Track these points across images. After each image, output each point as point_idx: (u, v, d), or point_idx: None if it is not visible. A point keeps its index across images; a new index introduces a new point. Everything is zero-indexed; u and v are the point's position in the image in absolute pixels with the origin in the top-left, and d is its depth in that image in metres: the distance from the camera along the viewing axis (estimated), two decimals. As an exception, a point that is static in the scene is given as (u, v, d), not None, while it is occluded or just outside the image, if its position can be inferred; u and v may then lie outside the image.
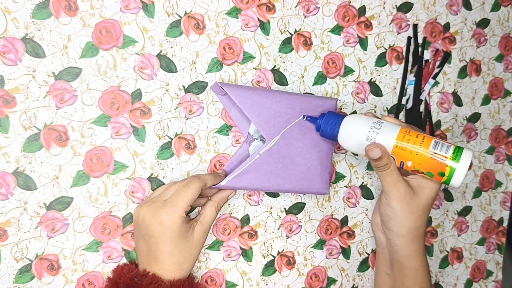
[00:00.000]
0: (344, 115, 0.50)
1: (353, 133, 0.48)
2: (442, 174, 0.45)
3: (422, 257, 0.51)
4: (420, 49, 0.62)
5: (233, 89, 0.49)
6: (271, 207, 0.57)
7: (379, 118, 0.49)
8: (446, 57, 0.63)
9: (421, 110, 0.62)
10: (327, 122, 0.49)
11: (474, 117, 0.66)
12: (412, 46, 0.61)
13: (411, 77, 0.61)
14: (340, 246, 0.61)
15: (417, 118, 0.62)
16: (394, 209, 0.49)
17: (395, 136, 0.46)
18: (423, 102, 0.63)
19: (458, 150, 0.45)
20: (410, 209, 0.48)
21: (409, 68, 0.62)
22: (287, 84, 0.56)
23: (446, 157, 0.44)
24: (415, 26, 0.61)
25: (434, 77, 0.62)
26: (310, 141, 0.52)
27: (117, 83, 0.49)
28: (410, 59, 0.62)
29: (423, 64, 0.62)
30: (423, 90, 0.62)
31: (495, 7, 0.66)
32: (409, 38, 0.61)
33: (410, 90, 0.61)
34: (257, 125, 0.50)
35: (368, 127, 0.47)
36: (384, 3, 0.60)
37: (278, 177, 0.51)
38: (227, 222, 0.55)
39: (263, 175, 0.51)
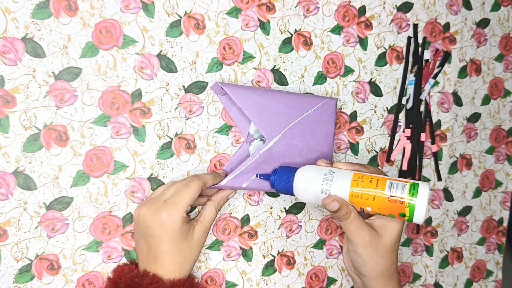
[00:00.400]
0: (296, 168, 0.49)
1: (307, 187, 0.47)
2: (403, 215, 0.44)
3: None
4: (420, 49, 0.62)
5: (233, 89, 0.49)
6: (271, 207, 0.57)
7: (331, 167, 0.48)
8: (446, 57, 0.63)
9: (421, 110, 0.62)
10: (280, 178, 0.48)
11: (474, 117, 0.66)
12: (412, 46, 0.61)
13: (411, 77, 0.61)
14: (340, 246, 0.61)
15: (417, 118, 0.62)
16: (362, 255, 0.48)
17: (349, 184, 0.45)
18: (423, 102, 0.63)
19: (413, 187, 0.43)
20: (377, 253, 0.48)
21: (409, 68, 0.62)
22: (287, 84, 0.56)
23: (403, 198, 0.43)
24: (415, 26, 0.61)
25: (434, 77, 0.62)
26: (310, 141, 0.52)
27: (117, 83, 0.49)
28: (410, 59, 0.62)
29: (423, 64, 0.62)
30: (423, 90, 0.62)
31: (495, 7, 0.66)
32: (409, 38, 0.61)
33: (410, 90, 0.61)
34: (257, 125, 0.50)
35: (321, 179, 0.46)
36: (384, 3, 0.60)
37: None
38: (227, 222, 0.55)
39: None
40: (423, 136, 0.62)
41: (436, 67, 0.63)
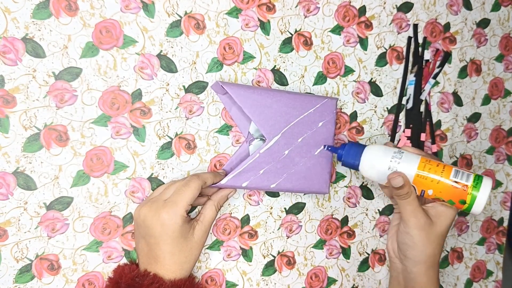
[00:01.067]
0: (364, 145, 0.51)
1: (375, 163, 0.49)
2: (463, 202, 0.46)
3: (436, 284, 0.52)
4: (420, 49, 0.62)
5: (233, 88, 0.49)
6: (271, 207, 0.57)
7: (399, 148, 0.50)
8: (446, 57, 0.63)
9: (421, 110, 0.62)
10: (348, 153, 0.51)
11: (475, 117, 0.66)
12: (412, 46, 0.61)
13: (411, 77, 0.61)
14: (340, 246, 0.61)
15: (417, 118, 0.62)
16: (413, 237, 0.50)
17: (416, 165, 0.48)
18: (423, 102, 0.63)
19: (478, 179, 0.46)
20: (428, 238, 0.49)
21: (409, 68, 0.62)
22: (287, 84, 0.56)
23: (467, 186, 0.46)
24: (415, 26, 0.61)
25: (435, 77, 0.62)
26: (310, 140, 0.52)
27: (117, 83, 0.49)
28: (411, 59, 0.62)
29: (424, 64, 0.62)
30: (423, 90, 0.62)
31: (495, 7, 0.66)
32: (409, 38, 0.61)
33: (410, 90, 0.61)
34: (258, 124, 0.50)
35: (390, 156, 0.49)
36: (385, 3, 0.60)
37: (278, 176, 0.51)
38: (227, 222, 0.55)
39: (263, 174, 0.51)
40: (423, 136, 0.62)
41: (436, 67, 0.63)
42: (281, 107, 0.51)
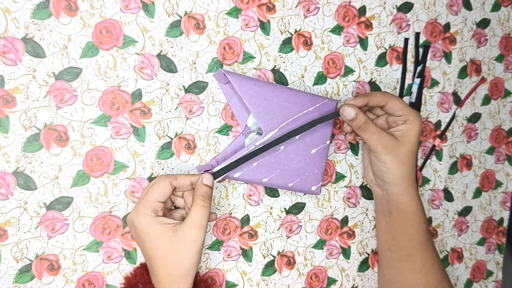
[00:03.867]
0: None
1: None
2: None
3: (418, 200, 0.54)
4: (421, 57, 0.62)
5: (235, 78, 0.49)
6: (271, 207, 0.57)
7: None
8: (426, 51, 0.62)
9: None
10: None
11: (474, 117, 0.66)
12: (412, 47, 0.61)
13: (417, 81, 0.61)
14: (340, 246, 0.61)
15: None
16: (386, 163, 0.51)
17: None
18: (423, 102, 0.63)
19: None
20: (400, 159, 0.51)
21: (408, 69, 0.62)
22: (287, 84, 0.56)
23: None
24: (417, 35, 0.61)
25: (419, 76, 0.61)
26: (307, 139, 0.52)
27: (117, 83, 0.49)
28: (410, 59, 0.62)
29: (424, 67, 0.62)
30: (412, 93, 0.62)
31: (495, 7, 0.66)
32: (405, 40, 0.61)
33: (414, 88, 0.62)
34: (256, 116, 0.50)
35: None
36: (384, 3, 0.60)
37: (271, 171, 0.51)
38: (227, 222, 0.55)
39: (256, 167, 0.50)
40: (437, 141, 0.63)
41: (420, 62, 0.62)
42: (281, 102, 0.51)
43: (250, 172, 0.50)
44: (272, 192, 0.57)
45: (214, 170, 0.48)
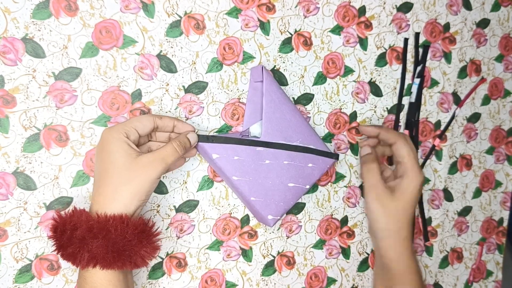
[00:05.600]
0: None
1: None
2: None
3: (409, 260, 0.51)
4: (420, 57, 0.62)
5: (269, 79, 0.51)
6: (271, 207, 0.57)
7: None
8: (426, 51, 0.62)
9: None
10: None
11: (474, 117, 0.66)
12: (412, 47, 0.61)
13: (417, 81, 0.61)
14: (340, 246, 0.61)
15: (415, 118, 0.62)
16: (373, 212, 0.51)
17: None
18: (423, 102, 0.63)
19: None
20: (390, 213, 0.50)
21: (408, 69, 0.62)
22: (287, 84, 0.56)
23: None
24: (417, 35, 0.61)
25: (419, 76, 0.61)
26: (292, 170, 0.52)
27: (117, 83, 0.49)
28: (410, 59, 0.62)
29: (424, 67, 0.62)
30: (411, 92, 0.62)
31: (495, 7, 0.66)
32: (405, 40, 0.61)
33: (414, 88, 0.62)
34: (265, 119, 0.50)
35: None
36: (384, 3, 0.60)
37: (245, 174, 0.50)
38: (227, 222, 0.55)
39: (235, 161, 0.49)
40: (437, 141, 0.63)
41: (419, 62, 0.62)
42: (292, 123, 0.51)
43: (227, 161, 0.49)
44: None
45: (203, 133, 0.47)
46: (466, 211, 0.67)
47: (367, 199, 0.52)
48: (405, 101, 0.62)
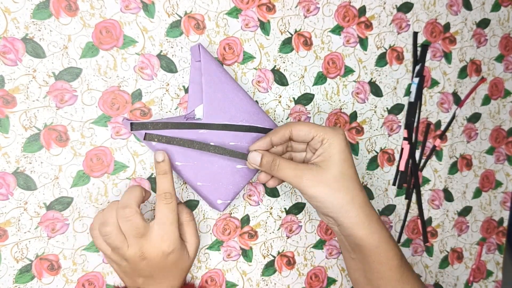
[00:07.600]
0: None
1: None
2: None
3: (379, 231, 0.45)
4: (419, 56, 0.62)
5: (207, 58, 0.47)
6: (271, 207, 0.57)
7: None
8: (425, 50, 0.62)
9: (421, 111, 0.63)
10: None
11: (474, 117, 0.66)
12: (417, 49, 0.62)
13: (416, 80, 0.61)
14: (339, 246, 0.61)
15: (414, 118, 0.62)
16: (315, 197, 0.43)
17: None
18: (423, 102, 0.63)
19: None
20: (330, 187, 0.43)
21: (412, 68, 0.62)
22: (287, 84, 0.56)
23: None
24: (415, 34, 0.61)
25: (418, 75, 0.61)
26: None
27: (117, 83, 0.49)
28: (409, 59, 0.62)
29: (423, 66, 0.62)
30: (411, 92, 0.62)
31: (495, 7, 0.66)
32: (415, 34, 0.61)
33: (413, 88, 0.62)
34: (205, 100, 0.48)
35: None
36: (384, 3, 0.60)
37: (188, 159, 0.48)
38: (227, 222, 0.55)
39: (177, 147, 0.48)
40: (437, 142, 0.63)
41: (417, 62, 0.62)
42: (236, 102, 0.49)
43: (168, 147, 0.47)
44: (272, 192, 0.57)
45: (138, 121, 0.46)
46: (466, 211, 0.67)
47: (302, 191, 0.44)
48: (405, 101, 0.62)
